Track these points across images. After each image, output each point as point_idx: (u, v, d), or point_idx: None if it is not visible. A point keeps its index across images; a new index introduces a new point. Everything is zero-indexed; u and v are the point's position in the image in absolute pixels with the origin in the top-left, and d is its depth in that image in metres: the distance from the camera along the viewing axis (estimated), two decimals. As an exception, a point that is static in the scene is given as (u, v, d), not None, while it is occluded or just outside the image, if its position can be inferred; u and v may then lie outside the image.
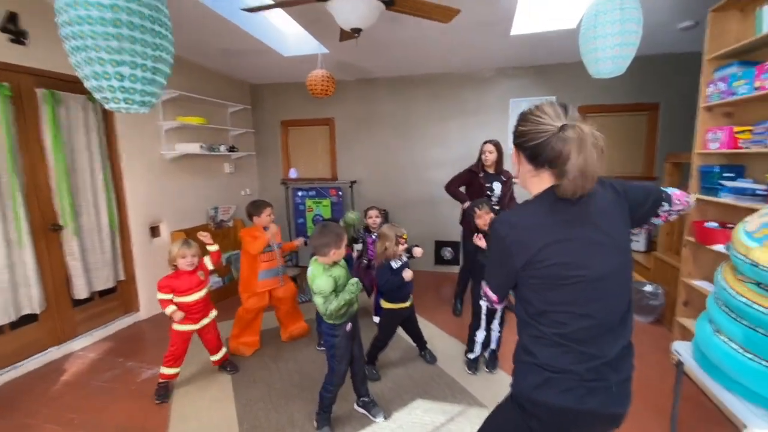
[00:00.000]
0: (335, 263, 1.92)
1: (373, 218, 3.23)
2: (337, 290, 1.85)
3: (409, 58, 3.92)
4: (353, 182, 4.82)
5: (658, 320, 3.23)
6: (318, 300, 1.83)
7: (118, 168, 3.33)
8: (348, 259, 2.94)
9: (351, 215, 2.66)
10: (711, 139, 2.30)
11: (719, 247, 2.14)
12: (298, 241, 3.08)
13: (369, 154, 4.85)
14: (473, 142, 4.45)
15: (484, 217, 2.44)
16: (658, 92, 3.97)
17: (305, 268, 3.13)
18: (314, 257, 1.94)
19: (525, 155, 1.02)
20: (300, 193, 4.96)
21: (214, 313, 2.50)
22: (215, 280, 4.03)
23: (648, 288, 3.23)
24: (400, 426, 2.04)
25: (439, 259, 4.80)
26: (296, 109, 4.96)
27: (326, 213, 4.89)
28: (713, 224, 2.28)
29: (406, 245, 2.41)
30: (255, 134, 5.10)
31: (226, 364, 2.61)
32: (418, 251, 2.49)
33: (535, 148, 0.97)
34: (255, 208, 2.81)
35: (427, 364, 2.62)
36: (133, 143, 3.42)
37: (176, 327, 2.35)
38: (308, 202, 4.95)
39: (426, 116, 4.61)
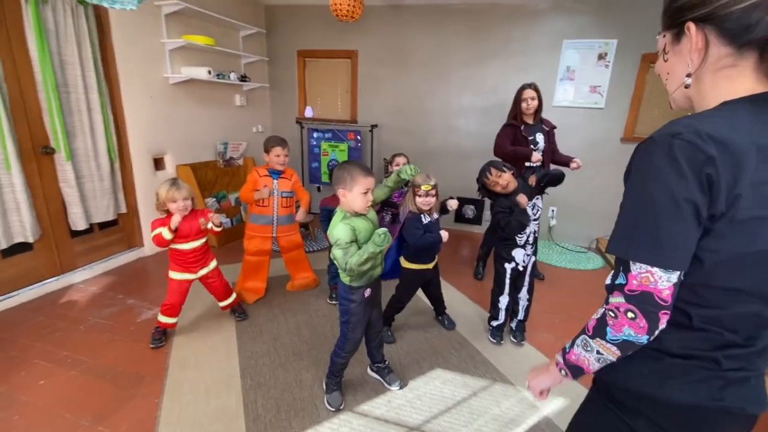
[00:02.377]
0: (359, 214, 1.61)
1: (401, 166, 2.86)
2: (358, 243, 1.56)
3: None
4: (374, 126, 4.39)
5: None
6: (337, 252, 1.53)
7: (117, 89, 2.97)
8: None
9: (409, 169, 2.28)
10: None
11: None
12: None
13: (393, 95, 4.36)
14: (513, 88, 3.92)
15: (504, 177, 2.08)
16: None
17: (317, 214, 2.85)
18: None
19: (719, 31, 0.60)
20: (315, 135, 4.57)
21: (214, 263, 2.26)
22: (223, 221, 3.80)
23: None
24: (417, 396, 1.85)
25: (460, 217, 4.48)
26: (315, 38, 4.42)
27: (342, 158, 4.53)
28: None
29: (435, 198, 2.08)
30: (269, 64, 4.61)
31: (236, 309, 2.43)
32: (453, 203, 2.16)
33: (744, 14, 0.57)
34: (266, 143, 2.51)
35: (446, 330, 2.41)
36: (132, 62, 3.02)
37: (172, 275, 2.12)
38: (324, 145, 4.57)
39: (462, 55, 4.05)
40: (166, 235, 1.96)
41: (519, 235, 2.16)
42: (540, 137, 2.85)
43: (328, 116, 4.67)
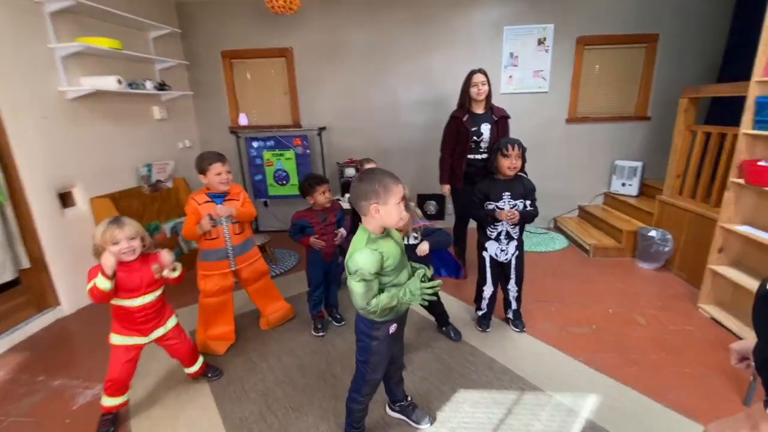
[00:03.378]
0: (387, 233, 1.32)
1: None
2: (383, 274, 1.28)
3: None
4: (322, 129, 4.05)
5: (663, 267, 3.13)
6: (357, 287, 1.23)
7: (-7, 111, 2.28)
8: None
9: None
10: (779, 64, 1.98)
11: (787, 189, 1.90)
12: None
13: (338, 94, 4.06)
14: (461, 78, 3.85)
15: (512, 161, 2.02)
16: (659, 21, 3.64)
17: (276, 232, 2.47)
18: (361, 223, 1.33)
19: None
20: (255, 144, 4.10)
21: (171, 322, 1.78)
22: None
23: (653, 233, 3.08)
24: (452, 430, 1.63)
25: (423, 215, 4.35)
26: (241, 36, 3.93)
27: (290, 167, 4.13)
28: (771, 163, 2.03)
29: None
30: (189, 68, 4.01)
31: (205, 370, 1.98)
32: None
33: None
34: (200, 162, 2.05)
35: (452, 341, 2.23)
36: (11, 74, 2.34)
37: (115, 339, 1.64)
38: (266, 155, 4.12)
39: (406, 47, 3.88)
40: (102, 285, 1.47)
41: (489, 229, 2.15)
42: (485, 128, 2.75)
43: (268, 122, 4.22)
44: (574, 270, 3.17)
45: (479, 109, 2.74)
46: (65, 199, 2.73)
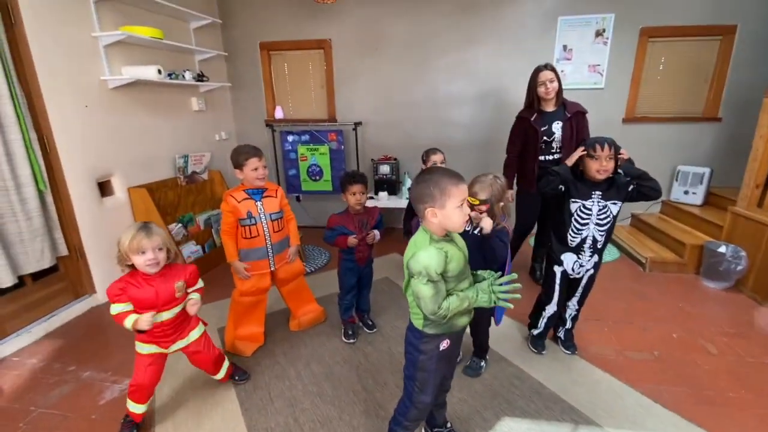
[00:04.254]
0: (450, 237, 1.19)
1: (438, 165, 2.43)
2: (446, 278, 1.14)
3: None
4: (357, 124, 3.92)
5: (733, 287, 2.78)
6: (424, 290, 1.10)
7: (38, 98, 2.29)
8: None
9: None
10: None
11: None
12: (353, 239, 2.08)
13: (375, 88, 3.90)
14: (507, 73, 3.64)
15: (602, 164, 1.70)
16: (737, 11, 3.24)
17: (307, 227, 2.36)
18: (421, 224, 1.20)
19: None
20: (290, 138, 4.03)
21: (195, 333, 1.66)
22: (193, 249, 3.19)
23: (723, 249, 2.74)
24: (496, 465, 1.45)
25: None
26: (279, 28, 3.85)
27: (324, 162, 4.03)
28: None
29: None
30: (227, 59, 3.98)
31: (232, 372, 1.89)
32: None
33: None
34: (236, 156, 1.95)
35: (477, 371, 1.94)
36: (57, 63, 2.35)
37: (140, 348, 1.56)
38: (301, 149, 4.04)
39: (449, 38, 3.66)
40: (128, 326, 1.43)
41: (571, 236, 1.83)
42: (557, 126, 2.52)
43: (303, 116, 4.13)
44: (628, 285, 2.88)
45: (549, 107, 2.53)
46: (104, 188, 2.74)
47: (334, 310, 2.38)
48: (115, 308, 1.44)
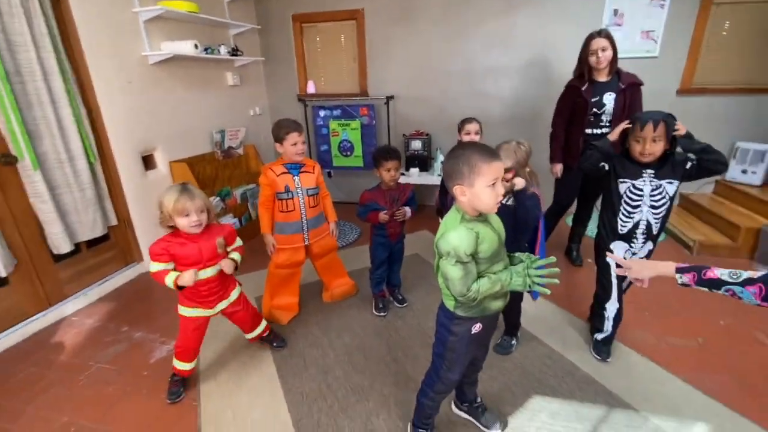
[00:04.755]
0: (484, 217, 1.14)
1: (472, 135, 2.37)
2: (476, 260, 1.10)
3: None
4: (389, 98, 3.84)
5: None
6: (453, 270, 1.06)
7: (86, 74, 2.39)
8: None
9: None
10: None
11: None
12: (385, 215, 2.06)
13: (408, 60, 3.79)
14: (551, 41, 3.42)
15: (647, 146, 1.55)
16: (824, -36, 2.85)
17: (339, 203, 2.36)
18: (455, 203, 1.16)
19: None
20: (322, 113, 4.02)
21: (235, 293, 1.76)
22: (231, 221, 3.31)
23: (785, 233, 2.53)
24: (525, 441, 1.46)
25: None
26: (312, -1, 3.78)
27: (355, 137, 4.01)
28: None
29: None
30: (261, 33, 3.98)
31: (270, 338, 1.99)
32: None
33: None
34: (277, 129, 1.95)
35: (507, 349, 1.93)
36: (101, 40, 2.43)
37: (183, 311, 1.65)
38: (332, 124, 4.03)
39: (487, 6, 3.46)
40: (169, 284, 1.50)
41: (622, 222, 1.70)
42: (609, 98, 2.36)
43: (335, 90, 4.10)
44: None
45: (602, 77, 2.37)
46: (147, 162, 2.87)
47: (366, 284, 2.42)
48: (156, 266, 1.49)
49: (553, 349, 1.93)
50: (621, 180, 1.67)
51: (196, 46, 2.86)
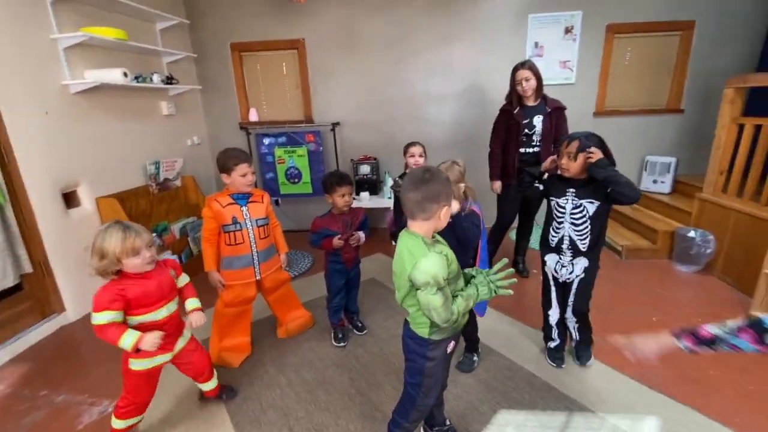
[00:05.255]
0: (436, 238, 1.17)
1: (416, 157, 2.42)
2: (448, 280, 1.12)
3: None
4: (335, 124, 3.87)
5: (704, 270, 2.92)
6: (435, 300, 1.05)
7: (-8, 105, 2.13)
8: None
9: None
10: None
11: None
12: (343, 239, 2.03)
13: (352, 87, 3.87)
14: (482, 70, 3.70)
15: (564, 161, 1.67)
16: (694, 8, 3.41)
17: (288, 232, 2.29)
18: (405, 229, 1.16)
19: None
20: (267, 141, 3.94)
21: (187, 330, 1.58)
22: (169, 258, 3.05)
23: (693, 234, 2.87)
24: (496, 459, 1.46)
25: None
26: (250, 28, 3.76)
27: (302, 164, 3.96)
28: None
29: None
30: (197, 61, 3.85)
31: (220, 392, 1.79)
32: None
33: None
34: (225, 160, 1.86)
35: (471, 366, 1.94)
36: (12, 67, 2.19)
37: (135, 364, 1.42)
38: (278, 152, 3.96)
39: (424, 37, 3.68)
40: (127, 345, 1.29)
41: (551, 235, 1.81)
42: (538, 120, 2.58)
43: (278, 118, 4.05)
44: (606, 272, 2.93)
45: (530, 102, 2.59)
46: (69, 199, 2.58)
47: (322, 315, 2.34)
48: (104, 316, 1.26)
49: (512, 361, 1.98)
50: (550, 198, 1.79)
51: (125, 75, 2.69)
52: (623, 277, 2.89)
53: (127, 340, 1.28)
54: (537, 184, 1.86)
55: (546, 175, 1.87)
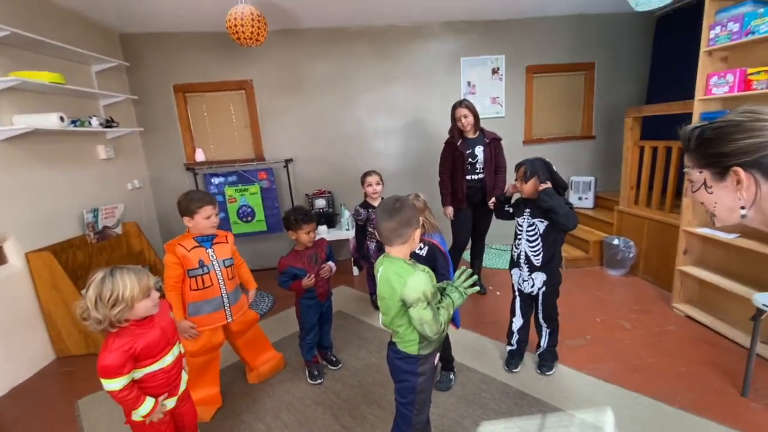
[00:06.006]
0: (413, 260, 1.29)
1: (374, 186, 2.52)
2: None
3: (346, 3, 3.19)
4: (288, 161, 3.91)
5: (630, 272, 3.34)
6: (426, 314, 1.15)
7: None
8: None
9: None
10: (716, 84, 2.26)
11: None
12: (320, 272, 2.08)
13: (302, 125, 3.96)
14: (423, 106, 4.03)
15: (518, 185, 1.94)
16: (593, 51, 4.07)
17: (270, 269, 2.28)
18: (384, 255, 1.26)
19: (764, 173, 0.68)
20: (216, 180, 3.85)
21: (185, 374, 1.50)
22: (114, 314, 2.79)
23: (617, 242, 3.30)
24: (486, 469, 1.53)
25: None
26: (194, 70, 3.73)
27: (255, 202, 3.91)
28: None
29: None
30: (137, 103, 3.71)
31: None
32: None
33: None
34: (188, 203, 1.81)
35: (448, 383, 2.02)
36: (-74, 113, 1.98)
37: (146, 417, 1.30)
38: (229, 191, 3.88)
39: (367, 77, 3.93)
40: (143, 412, 1.26)
41: (513, 251, 2.04)
42: (479, 150, 2.86)
43: (227, 157, 3.98)
44: (552, 283, 3.27)
45: (471, 134, 2.86)
46: (-6, 257, 2.31)
47: (291, 354, 2.29)
48: (120, 382, 1.19)
49: (484, 374, 2.09)
50: (515, 217, 2.02)
51: (62, 119, 2.53)
52: (567, 285, 3.13)
53: (144, 409, 1.26)
54: (507, 208, 2.08)
55: (513, 199, 2.08)
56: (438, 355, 1.33)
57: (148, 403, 1.26)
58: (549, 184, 1.84)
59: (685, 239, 2.57)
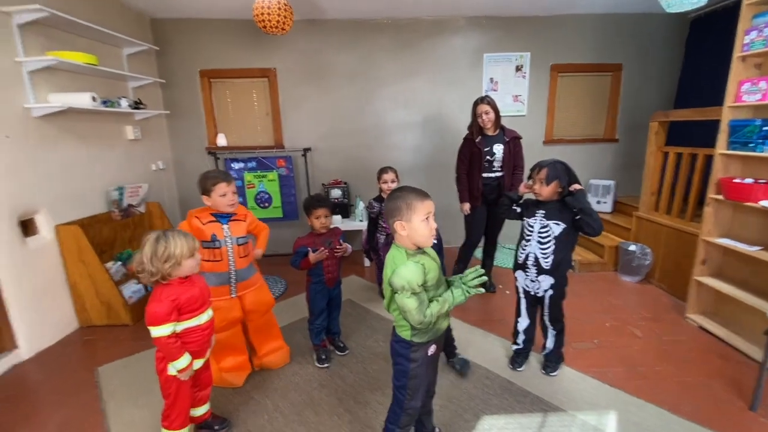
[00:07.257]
0: (421, 250, 1.29)
1: (389, 183, 2.55)
2: (426, 287, 1.25)
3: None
4: (307, 150, 3.97)
5: (644, 279, 3.29)
6: (409, 302, 1.19)
7: (-53, 128, 2.02)
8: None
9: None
10: (747, 91, 2.19)
11: (764, 203, 2.07)
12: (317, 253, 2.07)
13: (322, 115, 4.01)
14: (443, 101, 4.01)
15: (535, 187, 1.89)
16: (622, 53, 3.97)
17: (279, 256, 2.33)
18: (393, 242, 1.31)
19: None
20: (236, 165, 3.94)
21: (213, 340, 1.67)
22: (134, 289, 2.92)
23: (633, 248, 3.25)
24: (484, 461, 1.56)
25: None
26: (221, 56, 3.81)
27: (272, 188, 3.99)
28: (749, 180, 2.21)
29: None
30: (164, 87, 3.81)
31: (211, 422, 1.74)
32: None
33: None
34: (204, 181, 1.89)
35: (459, 373, 2.07)
36: (-30, 88, 2.10)
37: (181, 366, 1.44)
38: (248, 177, 3.96)
39: (389, 70, 3.93)
40: (183, 364, 1.44)
41: (519, 253, 2.01)
42: (498, 148, 2.84)
43: (248, 143, 4.07)
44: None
45: (490, 132, 2.84)
46: (26, 227, 2.44)
47: (301, 338, 2.35)
48: (166, 329, 1.37)
49: (489, 370, 2.12)
50: (524, 218, 1.99)
51: (94, 99, 2.63)
52: (578, 289, 3.17)
53: (182, 361, 1.42)
54: (515, 207, 2.06)
55: (522, 199, 2.07)
56: (434, 346, 1.35)
57: (186, 357, 1.43)
58: (580, 186, 1.84)
59: (704, 249, 2.51)
